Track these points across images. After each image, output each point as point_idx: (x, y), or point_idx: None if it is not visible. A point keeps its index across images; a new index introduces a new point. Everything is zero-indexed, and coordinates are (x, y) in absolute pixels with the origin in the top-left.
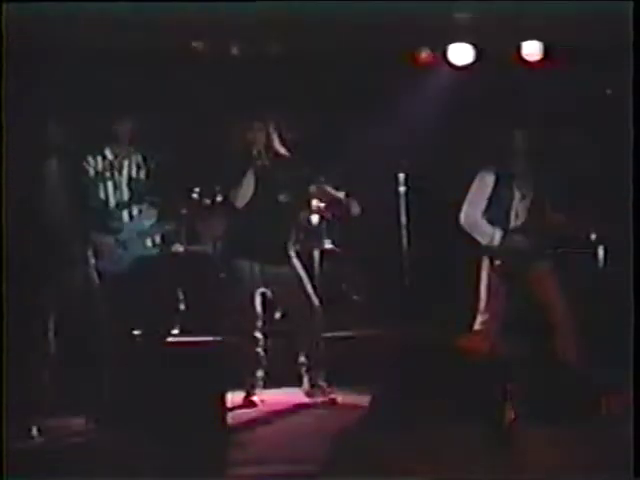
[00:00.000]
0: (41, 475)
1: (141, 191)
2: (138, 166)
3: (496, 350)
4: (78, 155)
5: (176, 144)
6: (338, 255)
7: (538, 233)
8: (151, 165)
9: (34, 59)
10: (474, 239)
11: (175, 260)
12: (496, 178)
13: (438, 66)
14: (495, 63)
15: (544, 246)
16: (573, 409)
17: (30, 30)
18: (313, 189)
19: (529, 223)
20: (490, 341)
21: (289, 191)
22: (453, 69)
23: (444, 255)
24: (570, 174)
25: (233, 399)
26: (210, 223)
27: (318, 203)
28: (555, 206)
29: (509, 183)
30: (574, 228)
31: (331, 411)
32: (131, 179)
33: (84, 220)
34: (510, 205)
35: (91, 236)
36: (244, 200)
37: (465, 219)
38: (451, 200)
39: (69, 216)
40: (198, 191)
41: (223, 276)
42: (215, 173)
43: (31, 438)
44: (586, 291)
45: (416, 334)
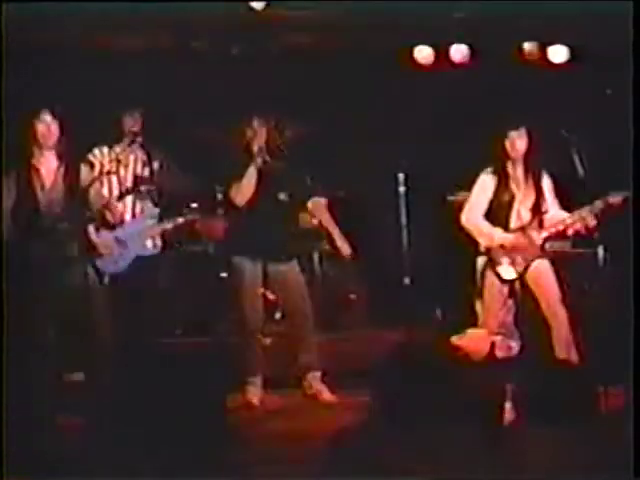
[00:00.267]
0: (41, 475)
1: (145, 188)
2: (143, 163)
3: (496, 350)
4: (80, 153)
5: (178, 142)
6: (338, 255)
7: (536, 232)
8: (155, 163)
9: (34, 59)
10: (474, 239)
11: (175, 259)
12: (497, 179)
13: (438, 65)
14: (495, 63)
15: (543, 245)
16: (573, 409)
17: (30, 30)
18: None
19: (530, 223)
20: (490, 341)
21: (289, 191)
22: (453, 69)
23: (444, 255)
24: (569, 174)
25: (233, 400)
26: (210, 222)
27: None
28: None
29: (510, 184)
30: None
31: (330, 411)
32: (136, 176)
33: (85, 217)
34: (511, 206)
35: (92, 234)
36: (244, 198)
37: (466, 220)
38: (450, 200)
39: (70, 213)
40: (199, 191)
41: (223, 276)
42: (216, 171)
43: (31, 438)
44: (586, 291)
45: (416, 334)
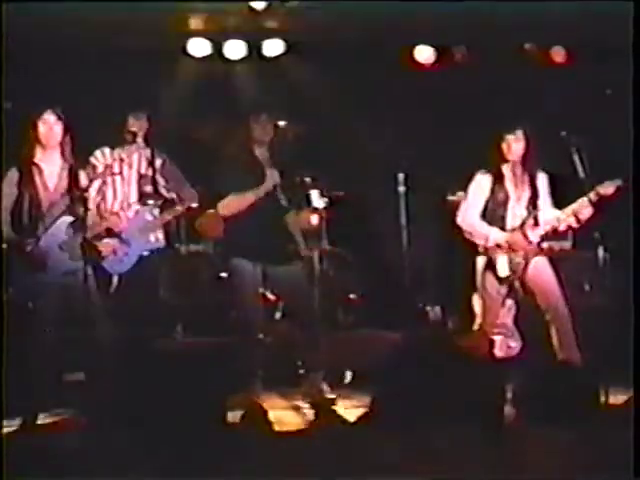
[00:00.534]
0: (41, 475)
1: (148, 187)
2: (147, 161)
3: (496, 350)
4: (84, 153)
5: (181, 143)
6: (338, 255)
7: (532, 230)
8: (158, 161)
9: (34, 59)
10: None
11: (175, 259)
12: (493, 179)
13: (438, 65)
14: (495, 63)
15: (540, 244)
16: (573, 409)
17: (30, 30)
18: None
19: (526, 222)
20: (489, 341)
21: (289, 191)
22: (452, 69)
23: (444, 255)
24: (568, 174)
25: (233, 399)
26: (211, 222)
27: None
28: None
29: (505, 184)
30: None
31: (330, 411)
32: (140, 174)
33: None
34: (507, 205)
35: (93, 235)
36: (229, 212)
37: (462, 220)
38: (450, 200)
39: (75, 213)
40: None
41: (224, 276)
42: (216, 172)
43: (31, 438)
44: (586, 290)
45: (416, 334)
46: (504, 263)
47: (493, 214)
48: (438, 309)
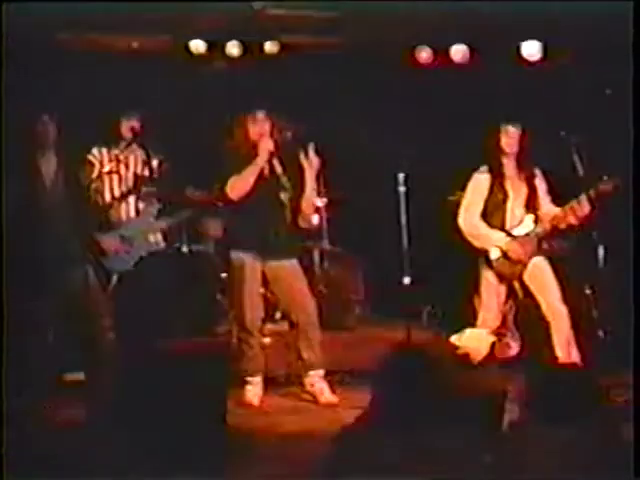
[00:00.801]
0: (41, 475)
1: (146, 187)
2: (143, 162)
3: (496, 350)
4: (83, 152)
5: (179, 141)
6: (338, 255)
7: (531, 229)
8: (154, 161)
9: (34, 59)
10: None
11: (175, 259)
12: (491, 178)
13: (438, 65)
14: (494, 63)
15: (540, 243)
16: (573, 409)
17: (30, 30)
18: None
19: (524, 221)
20: (490, 341)
21: (289, 191)
22: (453, 69)
23: (444, 255)
24: (567, 173)
25: (233, 399)
26: (210, 221)
27: (318, 203)
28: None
29: (503, 183)
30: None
31: (331, 412)
32: (136, 175)
33: (89, 216)
34: (506, 205)
35: (96, 232)
36: (239, 193)
37: (462, 221)
38: (450, 200)
39: (74, 212)
40: (199, 189)
41: (224, 276)
42: (216, 169)
43: (31, 438)
44: (586, 291)
45: (416, 334)
46: (504, 263)
47: (493, 214)
48: (438, 309)
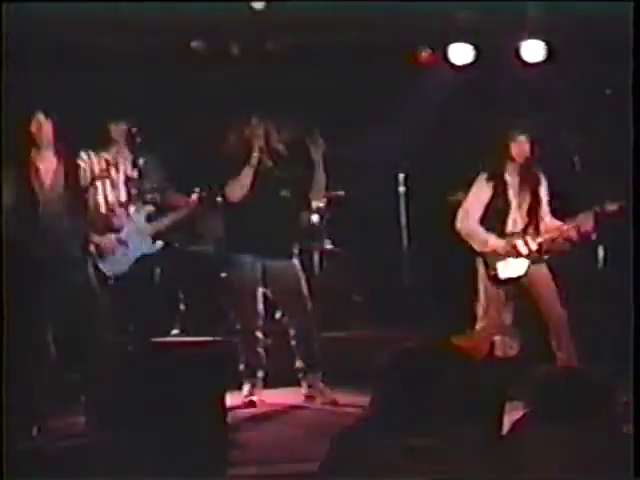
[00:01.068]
0: (41, 475)
1: (137, 189)
2: (132, 164)
3: (496, 350)
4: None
5: (173, 142)
6: (338, 255)
7: (532, 238)
8: (142, 163)
9: (34, 59)
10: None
11: (175, 259)
12: (494, 184)
13: (438, 66)
14: (495, 63)
15: (542, 251)
16: (572, 409)
17: (30, 30)
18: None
19: (526, 229)
20: (490, 341)
21: (289, 190)
22: (453, 69)
23: (444, 255)
24: (567, 176)
25: (233, 399)
26: (210, 221)
27: (318, 203)
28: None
29: (506, 190)
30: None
31: (331, 412)
32: (127, 178)
33: (84, 219)
34: (507, 212)
35: (92, 235)
36: (240, 195)
37: (460, 224)
38: (450, 200)
39: (69, 216)
40: (198, 189)
41: (224, 276)
42: (212, 170)
43: (31, 438)
44: (586, 291)
45: (416, 334)
46: (503, 266)
47: (492, 220)
48: (438, 309)
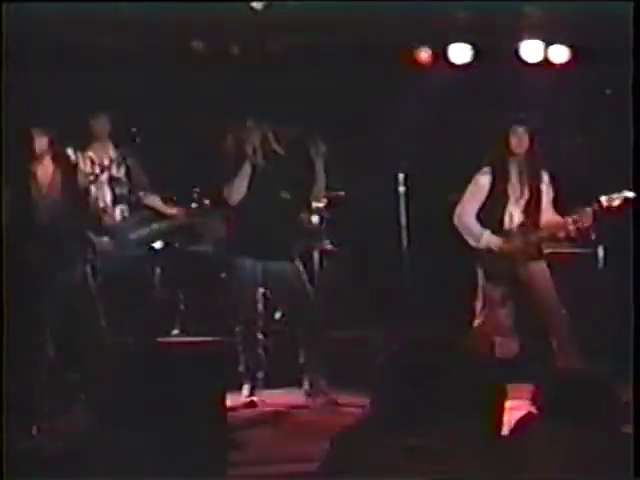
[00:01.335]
0: (41, 475)
1: (124, 190)
2: (118, 165)
3: (495, 350)
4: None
5: (172, 142)
6: (338, 255)
7: (534, 235)
8: (128, 164)
9: (34, 59)
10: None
11: (175, 259)
12: (492, 180)
13: (437, 66)
14: (494, 63)
15: (540, 247)
16: (572, 409)
17: (30, 30)
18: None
19: (524, 225)
20: (489, 341)
21: (289, 190)
22: (452, 69)
23: (444, 255)
24: (567, 174)
25: (233, 399)
26: (210, 222)
27: (318, 204)
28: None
29: (504, 185)
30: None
31: (331, 412)
32: (112, 178)
33: (75, 221)
34: (505, 207)
35: (83, 237)
36: (237, 197)
37: (457, 219)
38: (450, 200)
39: (59, 218)
40: (195, 190)
41: (224, 276)
42: (211, 172)
43: (31, 438)
44: (586, 291)
45: (416, 334)
46: (503, 264)
47: (489, 215)
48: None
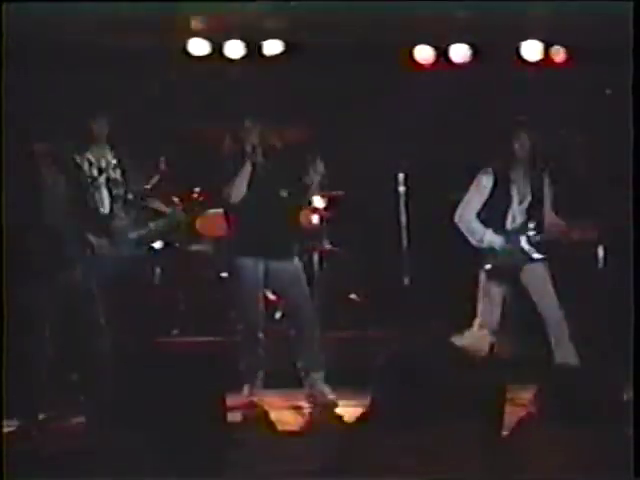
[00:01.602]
0: (41, 475)
1: (120, 191)
2: (114, 166)
3: (495, 351)
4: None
5: (172, 143)
6: (338, 255)
7: (531, 236)
8: (125, 165)
9: (34, 59)
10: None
11: (175, 259)
12: (494, 180)
13: (438, 65)
14: (495, 63)
15: (542, 248)
16: (572, 409)
17: (30, 30)
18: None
19: (526, 225)
20: (489, 341)
21: (289, 190)
22: (453, 68)
23: (444, 255)
24: (570, 175)
25: (233, 399)
26: (208, 221)
27: (318, 203)
28: (554, 208)
29: (507, 185)
30: (574, 230)
31: (331, 412)
32: (109, 179)
33: (73, 222)
34: (507, 208)
35: (83, 237)
36: (238, 196)
37: (459, 218)
38: (451, 200)
39: (58, 219)
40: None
41: (224, 276)
42: (210, 172)
43: (31, 438)
44: (586, 291)
45: (416, 334)
46: (502, 265)
47: (491, 215)
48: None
